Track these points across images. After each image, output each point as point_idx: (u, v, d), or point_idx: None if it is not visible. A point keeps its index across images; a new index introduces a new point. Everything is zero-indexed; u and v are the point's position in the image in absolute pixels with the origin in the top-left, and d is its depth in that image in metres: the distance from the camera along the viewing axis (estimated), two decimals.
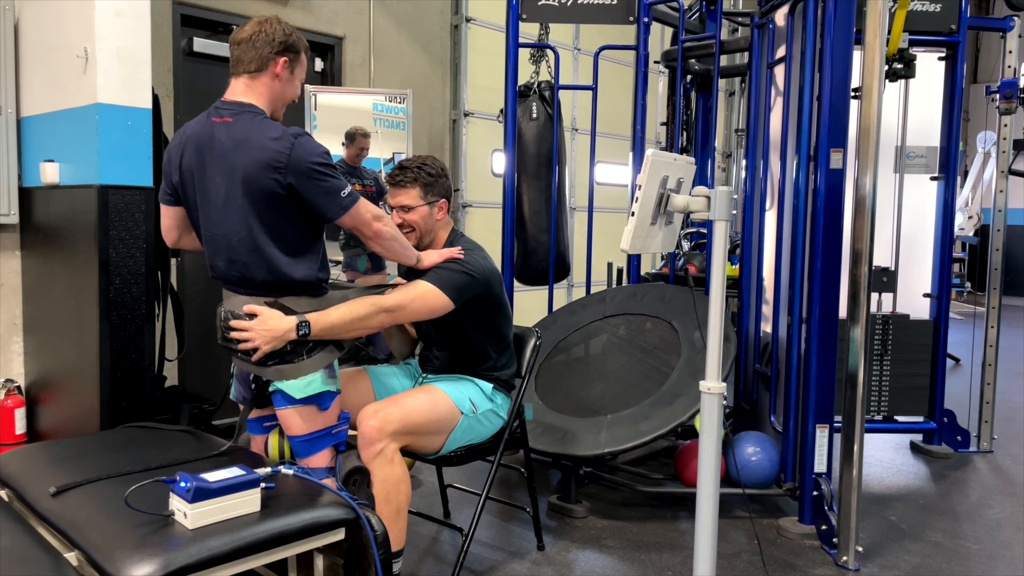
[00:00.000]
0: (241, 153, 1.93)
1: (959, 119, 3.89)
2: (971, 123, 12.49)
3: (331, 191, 1.96)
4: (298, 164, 1.91)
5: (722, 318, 1.96)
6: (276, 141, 1.92)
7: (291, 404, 2.00)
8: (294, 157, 1.91)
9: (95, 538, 1.54)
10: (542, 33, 4.15)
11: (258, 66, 2.01)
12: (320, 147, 1.98)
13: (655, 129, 6.96)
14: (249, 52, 2.00)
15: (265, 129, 1.94)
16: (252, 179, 1.92)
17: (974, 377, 4.38)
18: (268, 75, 2.02)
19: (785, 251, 3.22)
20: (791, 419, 3.08)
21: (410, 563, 2.62)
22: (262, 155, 1.91)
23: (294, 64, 2.06)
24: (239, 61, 2.02)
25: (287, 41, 2.03)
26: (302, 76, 2.13)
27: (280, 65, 2.02)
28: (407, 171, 2.41)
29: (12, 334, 3.33)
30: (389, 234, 2.11)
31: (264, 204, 1.94)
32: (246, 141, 1.93)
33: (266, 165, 1.91)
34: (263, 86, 2.03)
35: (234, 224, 1.98)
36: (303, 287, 2.02)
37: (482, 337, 2.49)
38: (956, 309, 8.43)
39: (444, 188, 2.46)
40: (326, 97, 4.44)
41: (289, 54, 2.04)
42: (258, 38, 2.00)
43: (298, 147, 1.92)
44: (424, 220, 2.41)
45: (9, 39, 3.16)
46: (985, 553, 2.84)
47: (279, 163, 1.90)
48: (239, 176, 1.93)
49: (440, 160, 2.50)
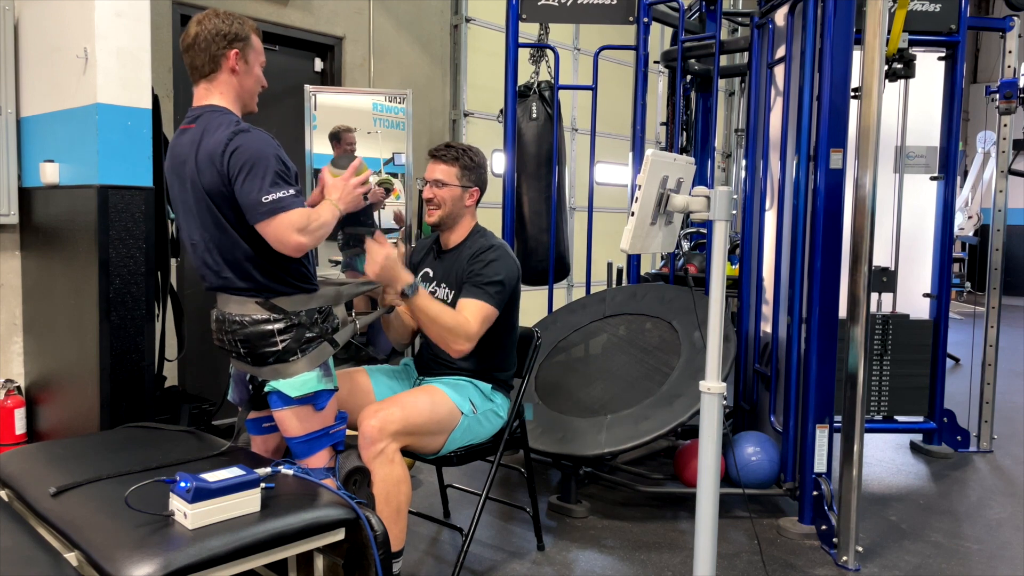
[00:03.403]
0: (197, 155, 1.91)
1: (959, 119, 3.89)
2: (971, 123, 12.48)
3: (250, 192, 1.83)
4: (233, 160, 1.85)
5: (722, 318, 1.96)
6: (220, 137, 1.87)
7: (287, 405, 2.00)
8: (228, 151, 1.85)
9: (95, 538, 1.54)
10: (542, 33, 4.15)
11: (211, 67, 1.97)
12: (262, 145, 1.88)
13: (655, 129, 6.96)
14: (198, 56, 1.97)
15: (215, 126, 1.91)
16: (205, 180, 1.89)
17: (974, 377, 4.38)
18: (224, 72, 1.98)
19: (785, 251, 3.22)
20: (791, 419, 3.08)
21: (410, 563, 2.62)
22: (208, 153, 1.88)
23: (246, 51, 2.00)
24: (193, 68, 1.99)
25: (231, 32, 1.97)
26: (260, 59, 2.06)
27: (232, 59, 1.97)
28: (452, 149, 2.45)
29: (12, 334, 3.33)
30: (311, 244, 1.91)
31: (222, 204, 1.90)
32: (200, 143, 1.91)
33: (210, 162, 1.88)
34: (223, 84, 1.99)
35: (201, 229, 1.96)
36: (289, 284, 1.99)
37: (491, 338, 2.49)
38: (956, 309, 8.43)
39: (481, 178, 2.50)
40: (326, 97, 4.43)
41: (237, 44, 1.97)
42: (201, 39, 1.95)
43: (235, 141, 1.86)
44: (453, 201, 2.45)
45: (9, 39, 3.16)
46: (985, 553, 2.84)
47: (218, 159, 1.86)
48: (197, 179, 1.91)
49: (484, 154, 2.53)
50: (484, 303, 2.33)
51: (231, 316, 2.00)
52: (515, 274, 2.44)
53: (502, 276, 2.37)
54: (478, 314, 2.32)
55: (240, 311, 1.99)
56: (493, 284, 2.35)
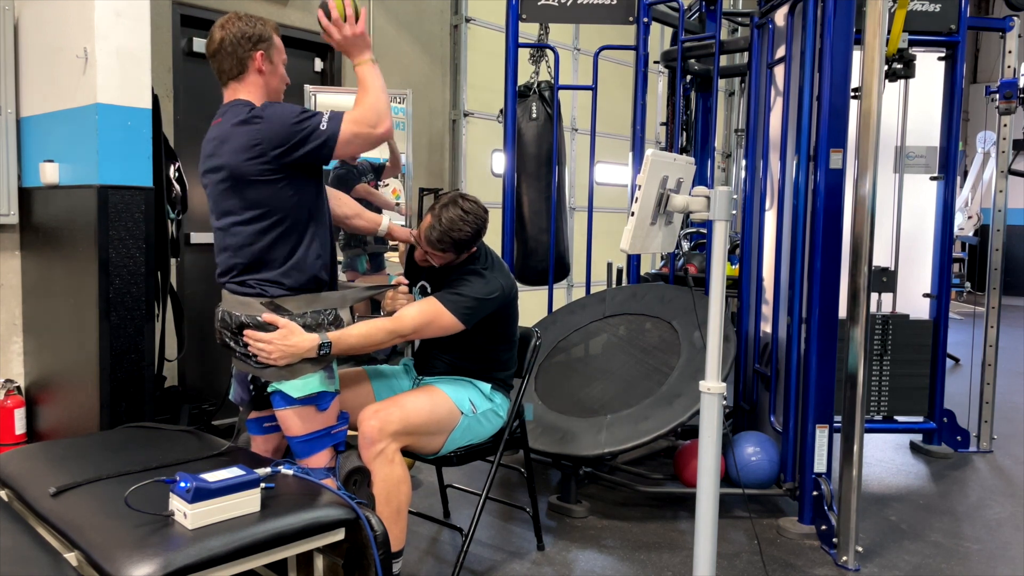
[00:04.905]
0: (225, 147, 1.95)
1: (959, 119, 3.89)
2: (971, 123, 12.49)
3: (310, 135, 1.91)
4: (271, 132, 1.90)
5: (722, 318, 1.96)
6: (246, 124, 1.92)
7: (290, 405, 2.00)
8: (264, 129, 1.90)
9: (95, 538, 1.54)
10: (542, 33, 4.15)
11: (239, 69, 2.01)
12: (288, 107, 1.96)
13: (655, 129, 6.96)
14: (226, 61, 2.01)
15: (236, 117, 1.95)
16: (235, 170, 1.93)
17: (974, 377, 4.38)
18: (252, 73, 2.03)
19: (785, 251, 3.22)
20: (791, 419, 3.08)
21: (410, 563, 2.62)
22: (238, 141, 1.92)
23: (271, 52, 2.05)
24: (221, 72, 2.04)
25: (255, 34, 2.01)
26: (282, 58, 2.12)
27: (259, 60, 2.02)
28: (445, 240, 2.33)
29: (12, 334, 3.33)
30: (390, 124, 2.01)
31: (252, 190, 1.94)
32: (227, 133, 1.95)
33: (242, 149, 1.91)
34: (251, 85, 2.04)
35: (224, 219, 2.00)
36: (298, 284, 2.01)
37: (489, 344, 2.49)
38: (956, 309, 8.43)
39: (476, 238, 2.40)
40: (326, 97, 4.43)
41: (262, 45, 2.02)
42: (227, 43, 2.00)
43: (266, 119, 1.92)
44: (451, 261, 2.44)
45: (9, 39, 3.16)
46: (985, 553, 2.84)
47: (255, 141, 1.90)
48: (226, 171, 1.95)
49: (479, 210, 2.38)
50: (438, 305, 2.29)
51: (236, 316, 2.00)
52: (495, 291, 2.37)
53: (477, 295, 2.33)
54: (421, 314, 2.27)
55: (244, 311, 1.99)
56: (461, 296, 2.31)
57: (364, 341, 2.12)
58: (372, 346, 2.16)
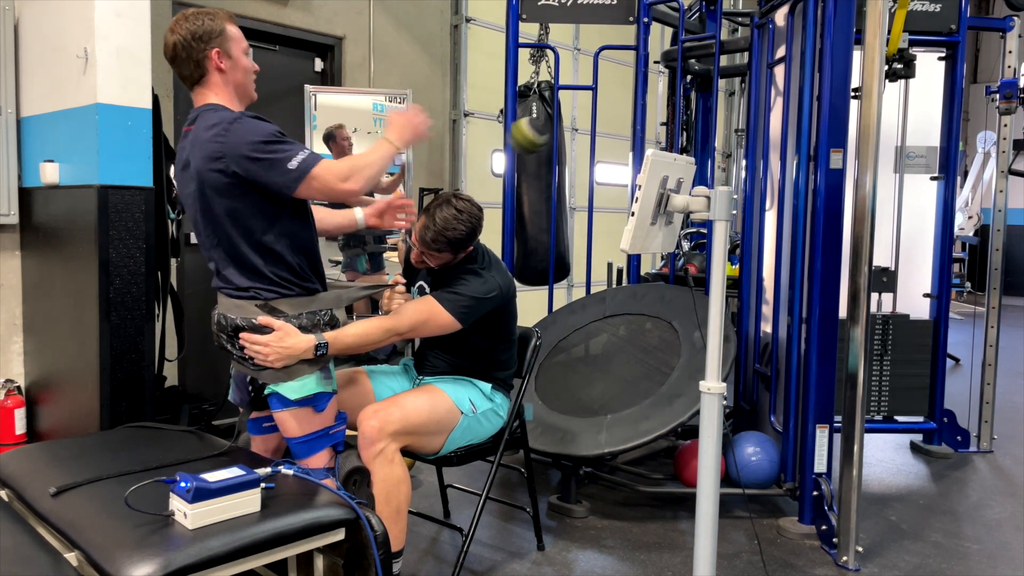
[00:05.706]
0: (194, 154, 1.92)
1: (959, 119, 3.89)
2: (971, 123, 12.48)
3: (276, 164, 1.85)
4: (235, 150, 1.85)
5: (722, 318, 1.96)
6: (213, 131, 1.87)
7: (287, 407, 2.00)
8: (228, 144, 1.86)
9: (95, 538, 1.54)
10: (542, 33, 4.15)
11: (200, 73, 1.97)
12: (260, 126, 1.89)
13: (655, 129, 6.96)
14: (184, 66, 1.96)
15: (207, 123, 1.91)
16: (204, 177, 1.90)
17: (974, 377, 4.38)
18: (213, 73, 1.98)
19: (785, 251, 3.22)
20: (791, 419, 3.08)
21: (410, 563, 2.62)
22: (204, 150, 1.89)
23: (226, 46, 1.98)
24: (183, 77, 2.00)
25: (204, 31, 1.94)
26: (242, 47, 2.03)
27: (215, 58, 1.96)
28: (440, 239, 2.32)
29: (12, 334, 3.33)
30: (361, 189, 1.94)
31: (222, 200, 1.91)
32: (197, 140, 1.92)
33: (208, 159, 1.88)
34: (215, 86, 1.99)
35: (204, 227, 1.98)
36: (289, 284, 2.00)
37: (488, 343, 2.49)
38: (956, 309, 8.43)
39: (472, 237, 2.39)
40: (326, 97, 4.43)
41: (215, 41, 1.96)
42: (181, 48, 1.94)
43: (232, 133, 1.86)
44: (447, 261, 2.42)
45: (9, 39, 3.16)
46: (985, 553, 2.84)
47: (218, 154, 1.86)
48: (197, 178, 1.92)
49: (473, 208, 2.36)
50: (435, 304, 2.28)
51: (232, 319, 2.00)
52: (492, 290, 2.37)
53: (474, 294, 2.32)
54: (418, 313, 2.27)
55: (240, 314, 1.99)
56: (458, 295, 2.31)
57: (361, 340, 2.11)
58: (369, 345, 2.16)
